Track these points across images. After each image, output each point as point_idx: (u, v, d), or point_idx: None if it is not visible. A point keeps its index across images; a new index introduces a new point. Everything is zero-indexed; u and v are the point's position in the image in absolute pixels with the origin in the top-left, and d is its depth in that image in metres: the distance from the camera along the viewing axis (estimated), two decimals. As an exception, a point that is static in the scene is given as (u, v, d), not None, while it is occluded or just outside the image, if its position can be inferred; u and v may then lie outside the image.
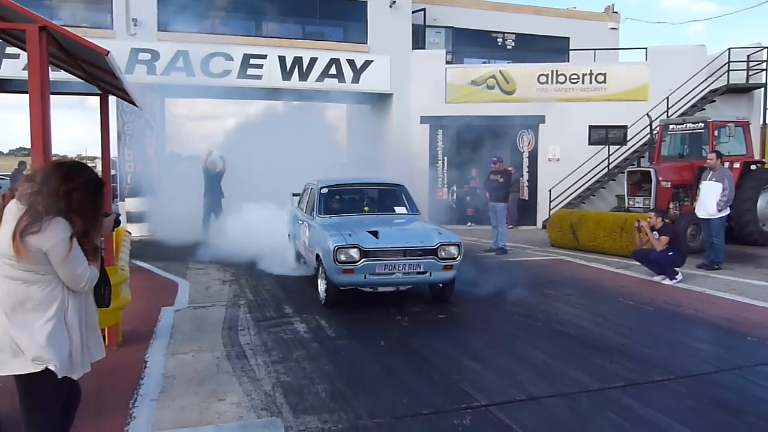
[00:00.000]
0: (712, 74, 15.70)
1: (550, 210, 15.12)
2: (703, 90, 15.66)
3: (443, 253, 6.56)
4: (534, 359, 5.13)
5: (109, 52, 3.83)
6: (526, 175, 16.97)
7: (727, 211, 9.58)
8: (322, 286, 6.96)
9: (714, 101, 15.70)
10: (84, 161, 3.46)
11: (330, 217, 7.41)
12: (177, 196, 12.81)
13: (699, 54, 16.40)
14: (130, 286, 5.88)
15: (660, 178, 11.72)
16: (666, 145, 13.36)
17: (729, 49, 15.71)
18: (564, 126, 16.43)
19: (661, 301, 7.35)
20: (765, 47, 15.80)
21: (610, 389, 4.42)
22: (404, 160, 15.30)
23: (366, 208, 7.77)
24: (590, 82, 16.66)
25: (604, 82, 16.65)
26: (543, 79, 16.81)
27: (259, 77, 15.64)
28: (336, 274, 6.42)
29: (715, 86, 15.70)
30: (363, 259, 6.33)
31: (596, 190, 16.14)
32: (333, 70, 16.25)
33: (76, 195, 2.51)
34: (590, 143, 16.60)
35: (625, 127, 16.12)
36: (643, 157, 15.34)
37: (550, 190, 15.91)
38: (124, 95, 6.00)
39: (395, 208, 7.97)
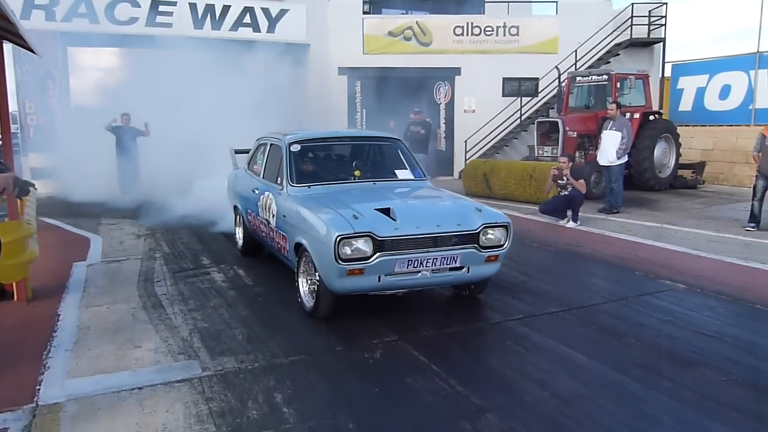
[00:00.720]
0: (617, 28, 16.40)
1: (465, 160, 15.57)
2: (608, 44, 16.35)
3: (486, 239, 4.65)
4: (443, 299, 5.45)
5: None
6: (443, 127, 17.32)
7: (625, 159, 10.25)
8: (305, 288, 4.91)
9: (618, 54, 16.43)
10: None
11: (309, 186, 5.32)
12: (86, 152, 12.26)
13: (605, 8, 17.03)
14: (38, 242, 5.73)
15: (567, 129, 12.31)
16: (573, 97, 13.97)
17: (632, 4, 16.41)
18: (479, 78, 16.79)
19: (563, 242, 7.88)
20: (665, 2, 16.61)
21: (510, 321, 4.80)
22: (323, 112, 15.25)
23: (357, 173, 5.64)
24: (504, 35, 17.02)
25: (517, 34, 17.04)
26: (459, 31, 17.01)
27: (169, 25, 14.99)
28: (336, 278, 4.33)
29: (620, 40, 16.42)
30: (378, 254, 4.29)
31: (509, 140, 16.70)
32: (247, 19, 15.80)
33: None
34: (504, 95, 17.07)
35: (536, 80, 16.66)
36: (553, 108, 15.95)
37: (465, 141, 16.34)
38: (20, 41, 5.69)
39: (396, 171, 5.86)
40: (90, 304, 5.29)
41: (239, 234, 7.19)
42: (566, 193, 9.05)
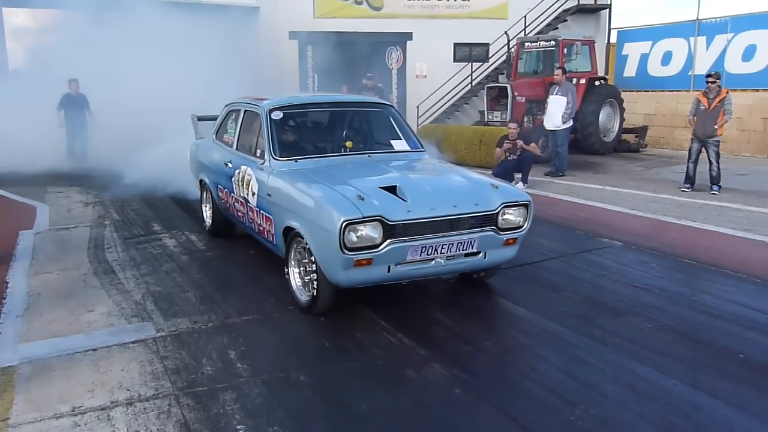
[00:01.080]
0: (565, -6, 16.65)
1: (418, 125, 15.70)
2: (556, 10, 16.58)
3: (503, 220, 4.15)
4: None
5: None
6: (395, 92, 17.36)
7: (570, 123, 10.56)
8: (298, 280, 4.33)
9: (566, 20, 16.71)
10: None
11: (296, 159, 4.68)
12: (28, 119, 11.84)
13: (554, -26, 17.23)
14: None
15: (515, 94, 12.54)
16: (522, 63, 14.20)
17: (580, -31, 16.66)
18: (430, 43, 16.84)
19: (509, 204, 8.14)
20: (612, -32, 16.91)
21: (454, 278, 5.01)
22: (274, 77, 15.08)
23: (348, 144, 5.14)
24: (455, 0, 17.06)
25: (468, 0, 17.10)
26: (410, -5, 16.97)
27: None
28: (340, 269, 3.76)
29: (567, 6, 16.67)
30: (388, 241, 3.76)
31: (461, 105, 16.89)
32: (194, -20, 15.37)
33: None
34: (455, 60, 17.20)
35: (487, 45, 16.82)
36: (503, 74, 16.18)
37: (417, 106, 16.45)
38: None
39: (392, 142, 5.33)
40: (39, 271, 5.26)
41: (206, 212, 6.45)
42: (514, 157, 9.29)
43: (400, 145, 5.28)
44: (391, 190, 3.99)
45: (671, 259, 5.55)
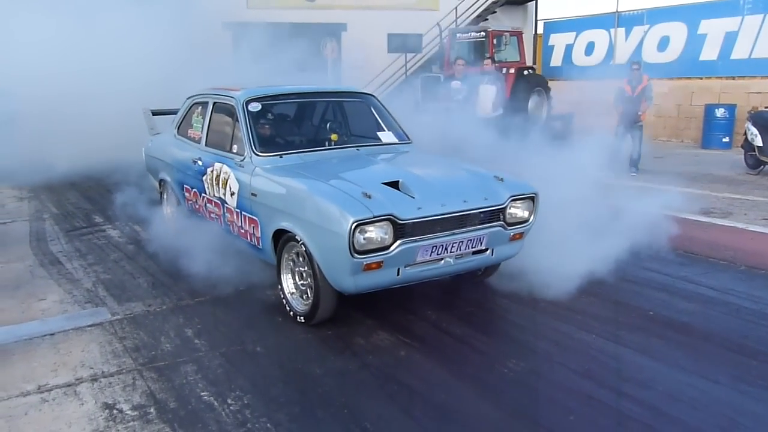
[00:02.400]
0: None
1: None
2: (486, 1, 17.14)
3: (509, 215, 3.99)
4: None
5: None
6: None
7: (500, 111, 11.04)
8: (292, 289, 4.05)
9: (495, 12, 17.30)
10: None
11: (280, 155, 4.36)
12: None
13: (483, -34, 17.78)
14: None
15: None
16: (454, 53, 14.63)
17: (508, -38, 17.27)
18: (365, 34, 17.06)
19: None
20: (537, -38, 17.61)
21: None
22: (208, 68, 14.94)
23: (334, 137, 4.82)
24: (388, -9, 17.36)
25: (401, -9, 17.43)
26: (344, -14, 17.13)
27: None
28: (348, 274, 3.50)
29: (497, -2, 17.27)
30: (399, 241, 3.52)
31: (396, 96, 17.21)
32: (122, -30, 15.03)
33: None
34: (389, 51, 17.49)
35: (420, 36, 17.20)
36: (436, 64, 16.60)
37: (354, 97, 16.66)
38: None
39: (378, 134, 5.03)
40: (-18, 265, 5.25)
41: (169, 214, 5.97)
42: None
43: (387, 137, 4.97)
44: (394, 185, 3.75)
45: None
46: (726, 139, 12.85)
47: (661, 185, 8.51)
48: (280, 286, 4.09)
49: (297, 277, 3.99)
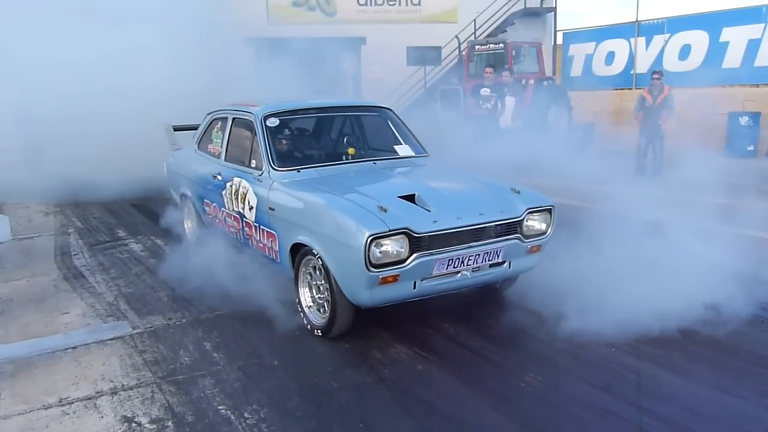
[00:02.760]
0: (512, -2, 17.28)
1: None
2: (504, 13, 17.17)
3: (526, 227, 3.98)
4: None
5: None
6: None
7: (519, 122, 11.03)
8: (309, 303, 4.07)
9: (514, 23, 17.31)
10: None
11: (297, 170, 4.39)
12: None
13: (501, -22, 17.85)
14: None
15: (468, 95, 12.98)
16: (473, 65, 14.68)
17: (526, -26, 17.31)
18: (384, 47, 17.19)
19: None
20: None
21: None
22: (230, 82, 15.16)
23: (351, 151, 4.83)
24: (406, 5, 17.49)
25: (419, 4, 17.56)
26: (363, 1, 17.31)
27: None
28: (365, 288, 3.52)
29: (515, 9, 17.27)
30: (415, 254, 3.53)
31: (416, 108, 17.29)
32: (146, -11, 15.36)
33: None
34: (409, 64, 17.60)
35: (439, 48, 17.28)
36: (455, 76, 16.66)
37: (374, 110, 16.76)
38: None
39: (395, 147, 5.00)
40: (8, 279, 5.35)
41: (189, 228, 6.10)
42: None
43: (403, 150, 4.96)
44: (410, 199, 3.77)
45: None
46: (751, 148, 12.64)
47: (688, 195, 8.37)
48: (297, 300, 4.11)
49: (314, 291, 4.01)
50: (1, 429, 2.98)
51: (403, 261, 3.49)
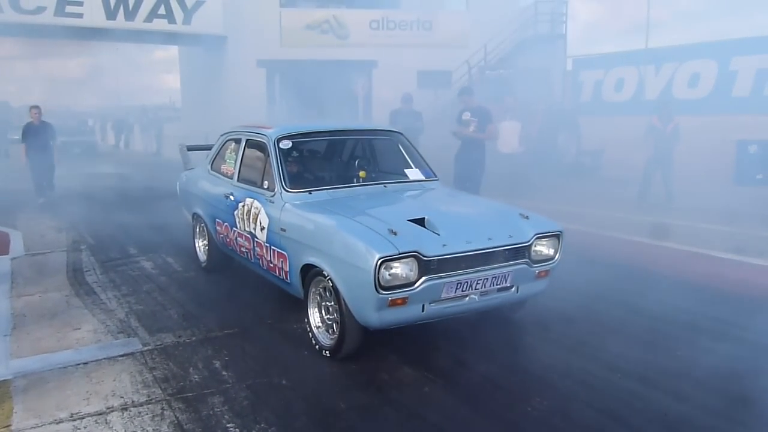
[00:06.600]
0: (523, 24, 17.47)
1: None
2: (515, 39, 17.38)
3: (534, 252, 4.02)
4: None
5: None
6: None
7: (523, 148, 11.12)
8: (318, 324, 4.10)
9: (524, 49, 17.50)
10: None
11: (309, 192, 4.46)
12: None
13: (511, 5, 18.08)
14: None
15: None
16: (483, 89, 14.81)
17: (536, 1, 17.51)
18: (395, 71, 17.41)
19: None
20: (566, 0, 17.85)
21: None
22: (242, 104, 15.40)
23: (362, 174, 4.87)
24: (418, 29, 17.72)
25: (430, 29, 17.79)
26: (374, 24, 17.57)
27: (80, 15, 14.69)
28: (374, 310, 3.55)
29: (525, 35, 17.48)
30: (424, 278, 3.57)
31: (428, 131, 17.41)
32: (162, 10, 15.69)
33: None
34: (419, 87, 17.76)
35: (449, 73, 17.46)
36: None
37: (383, 132, 16.91)
38: None
39: (405, 171, 5.10)
40: (21, 294, 5.43)
41: (201, 248, 6.16)
42: None
43: (414, 174, 5.05)
44: (420, 222, 3.80)
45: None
46: (760, 176, 12.62)
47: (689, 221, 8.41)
48: (306, 320, 4.15)
49: (323, 312, 4.05)
50: (13, 442, 3.02)
51: (412, 284, 3.53)
